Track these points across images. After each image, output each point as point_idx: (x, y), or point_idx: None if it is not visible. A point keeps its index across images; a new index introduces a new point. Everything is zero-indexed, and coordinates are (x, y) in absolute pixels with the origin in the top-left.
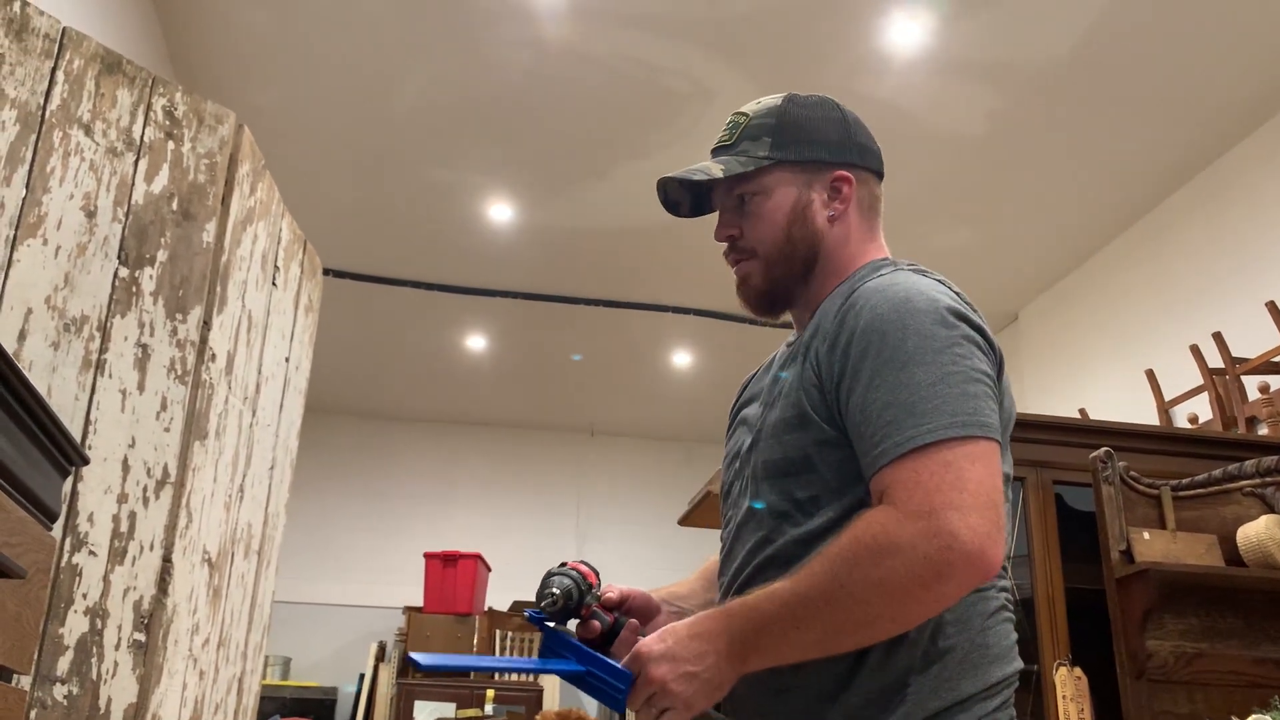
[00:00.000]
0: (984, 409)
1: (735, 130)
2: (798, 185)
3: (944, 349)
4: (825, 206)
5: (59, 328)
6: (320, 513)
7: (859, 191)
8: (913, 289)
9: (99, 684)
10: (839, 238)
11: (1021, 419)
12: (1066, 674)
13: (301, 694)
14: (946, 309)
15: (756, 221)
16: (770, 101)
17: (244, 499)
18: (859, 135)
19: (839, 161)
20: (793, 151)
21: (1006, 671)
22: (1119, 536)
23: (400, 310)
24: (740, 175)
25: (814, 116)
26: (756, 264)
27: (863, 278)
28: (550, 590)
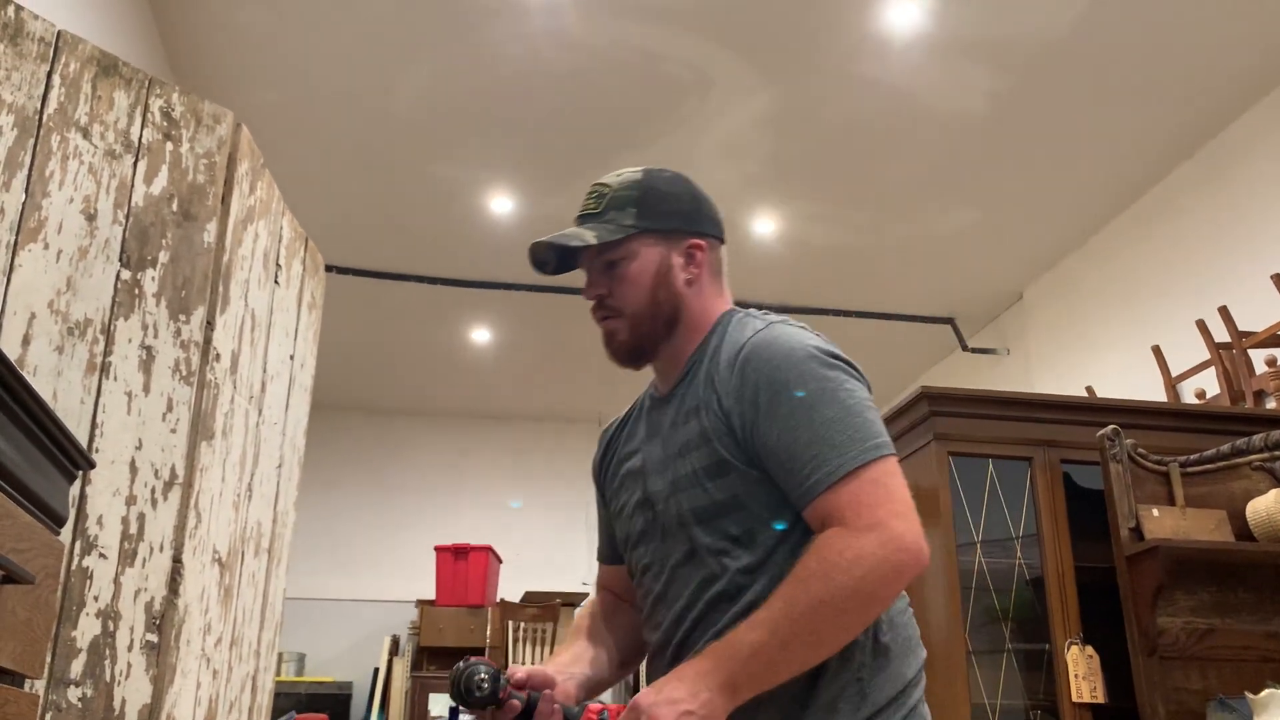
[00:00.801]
0: (882, 430)
1: (601, 200)
2: (660, 251)
3: (837, 388)
4: (683, 270)
5: (63, 332)
6: (331, 509)
7: (710, 256)
8: (793, 341)
9: (113, 685)
10: (695, 297)
11: (1028, 399)
12: (1078, 652)
13: (316, 689)
14: (825, 354)
15: (624, 284)
16: (630, 175)
17: (252, 498)
18: (708, 208)
19: (693, 230)
20: (655, 221)
21: (923, 656)
22: (1128, 514)
23: (404, 305)
24: (610, 241)
25: (672, 190)
26: (623, 322)
27: (733, 331)
28: (479, 679)
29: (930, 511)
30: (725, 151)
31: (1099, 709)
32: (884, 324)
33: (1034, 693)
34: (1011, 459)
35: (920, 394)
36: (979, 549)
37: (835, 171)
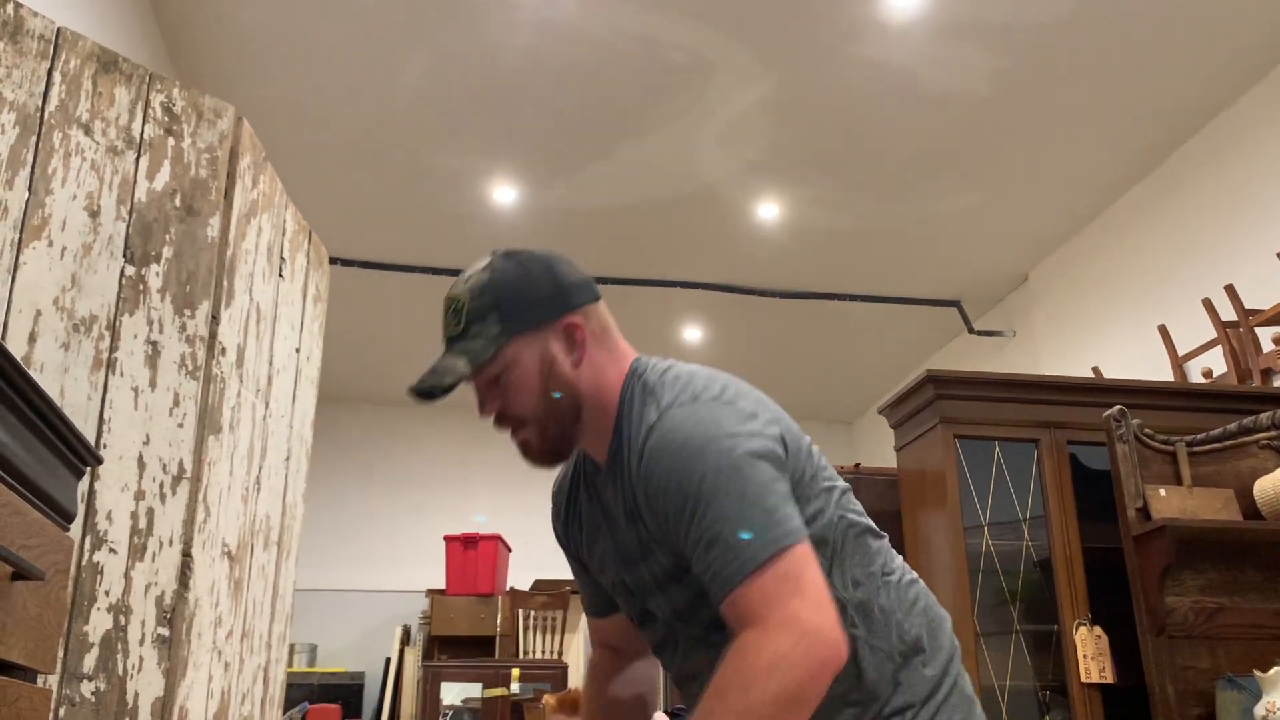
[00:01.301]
0: (786, 517)
1: (460, 317)
2: (537, 346)
3: (733, 478)
4: (567, 355)
5: (68, 328)
6: (340, 501)
7: (590, 324)
8: (686, 431)
9: (125, 679)
10: (590, 376)
11: (1033, 380)
12: (1086, 633)
13: (329, 680)
14: (725, 436)
15: (514, 393)
16: (479, 278)
17: (261, 491)
18: (567, 276)
19: (563, 310)
20: (521, 319)
21: (942, 650)
22: (1135, 494)
23: (409, 296)
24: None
25: (526, 279)
26: (530, 429)
27: (637, 411)
28: None
29: (937, 495)
30: (727, 138)
31: (1108, 689)
32: (889, 307)
33: (1043, 674)
34: (1018, 441)
35: (926, 377)
36: (986, 531)
37: (837, 155)
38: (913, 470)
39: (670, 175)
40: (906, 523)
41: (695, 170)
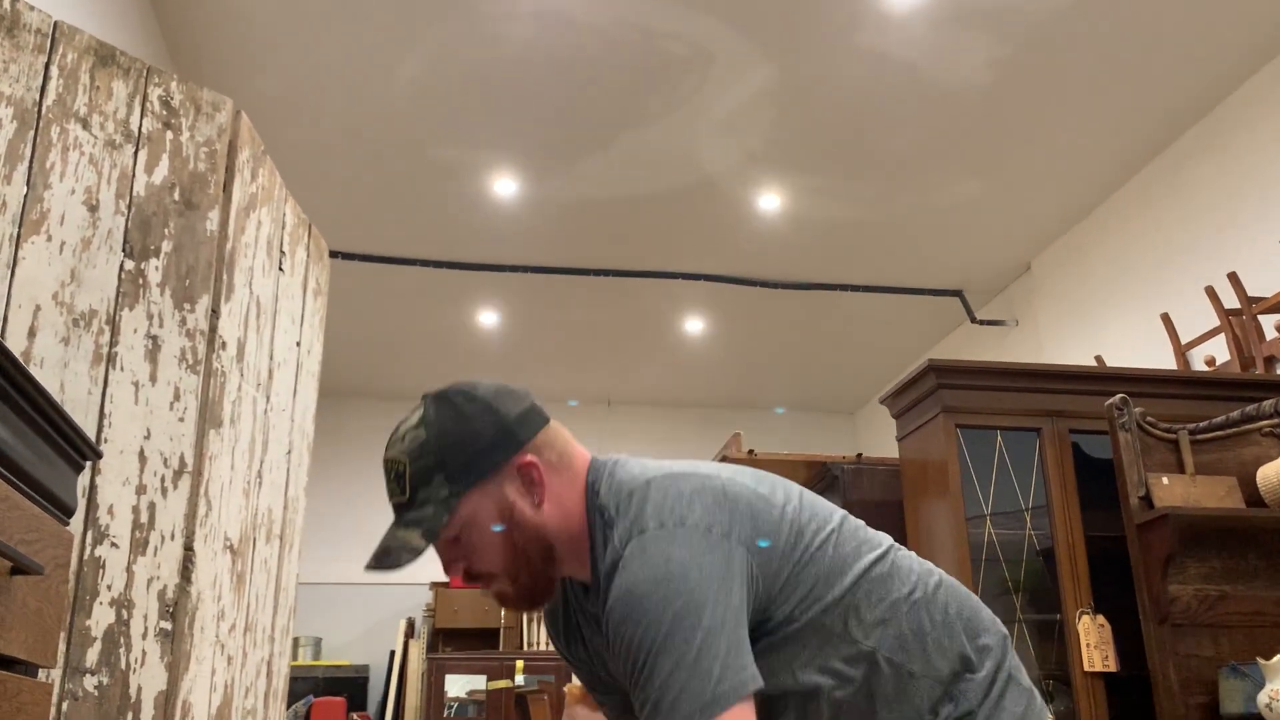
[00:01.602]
0: (727, 670)
1: (403, 482)
2: (492, 496)
3: (672, 638)
4: (527, 497)
5: (68, 323)
6: (344, 494)
7: (544, 455)
8: (637, 583)
9: (128, 673)
10: (555, 513)
11: (1035, 369)
12: (1090, 622)
13: (334, 673)
14: (676, 575)
15: (478, 551)
16: (415, 436)
17: (263, 485)
18: (509, 410)
19: (512, 451)
20: (470, 475)
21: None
22: (1138, 483)
23: (410, 290)
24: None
25: (465, 428)
26: (503, 581)
27: (602, 549)
28: None
29: (939, 484)
30: (727, 128)
31: (1111, 677)
32: (891, 298)
33: (1046, 662)
34: (1020, 430)
35: (928, 367)
36: (989, 521)
37: (839, 145)
38: (915, 460)
39: (671, 166)
40: (909, 512)
41: (696, 161)
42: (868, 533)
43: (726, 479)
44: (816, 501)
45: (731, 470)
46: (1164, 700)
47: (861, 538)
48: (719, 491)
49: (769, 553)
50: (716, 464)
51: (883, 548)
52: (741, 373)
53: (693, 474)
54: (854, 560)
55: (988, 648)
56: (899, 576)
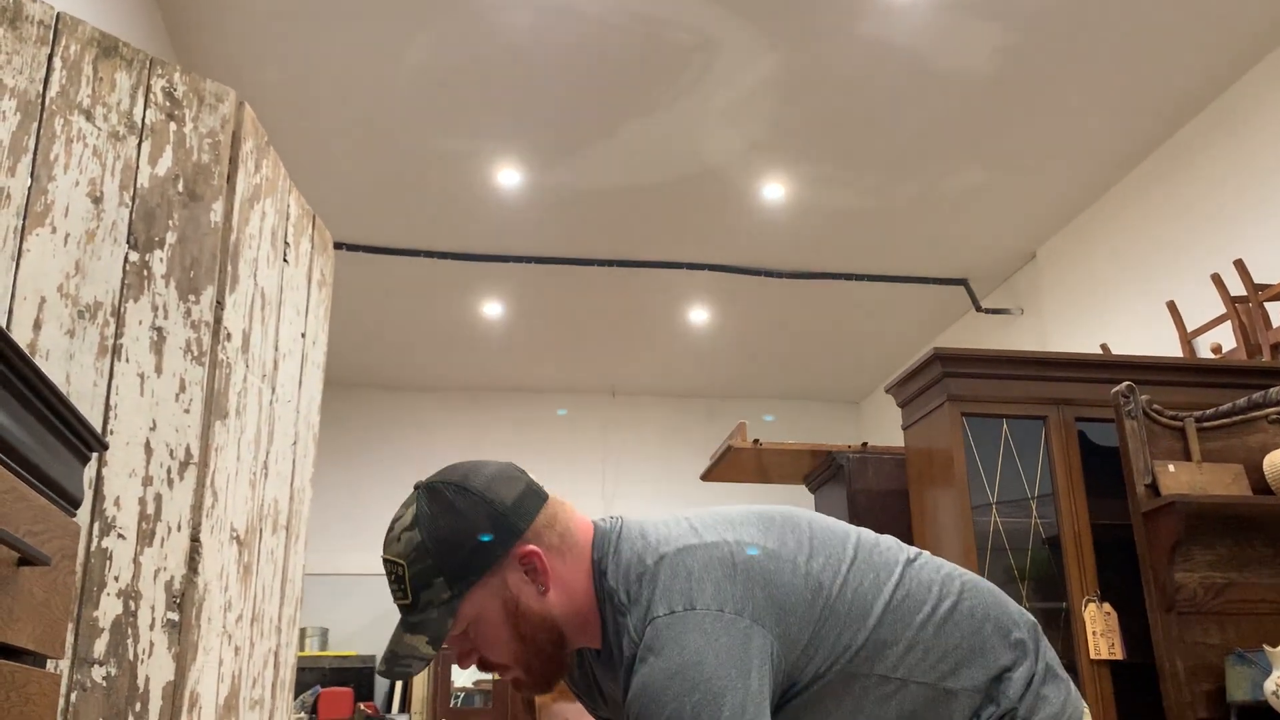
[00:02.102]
0: None
1: (404, 585)
2: (495, 590)
3: (696, 716)
4: (531, 584)
5: (73, 315)
6: (351, 486)
7: (544, 539)
8: (654, 670)
9: (136, 664)
10: (561, 598)
11: (1041, 357)
12: (1096, 610)
13: (340, 663)
14: (690, 664)
15: (487, 645)
16: (409, 538)
17: (269, 476)
18: (503, 496)
19: (511, 543)
20: (469, 573)
21: (993, 659)
22: (1144, 470)
23: (415, 281)
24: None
25: (459, 524)
26: (517, 669)
27: (617, 637)
28: None
29: (945, 473)
30: (731, 117)
31: (1117, 665)
32: (896, 287)
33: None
34: (1026, 418)
35: (933, 355)
36: (994, 509)
37: (842, 134)
38: (920, 449)
39: (675, 155)
40: (914, 502)
41: (700, 150)
42: (883, 554)
43: (734, 544)
44: (828, 534)
45: (739, 524)
46: (1171, 688)
47: (878, 563)
48: (728, 563)
49: (787, 622)
50: (724, 518)
51: (899, 568)
52: (746, 362)
53: (699, 546)
54: (874, 598)
55: (1021, 642)
56: (919, 596)
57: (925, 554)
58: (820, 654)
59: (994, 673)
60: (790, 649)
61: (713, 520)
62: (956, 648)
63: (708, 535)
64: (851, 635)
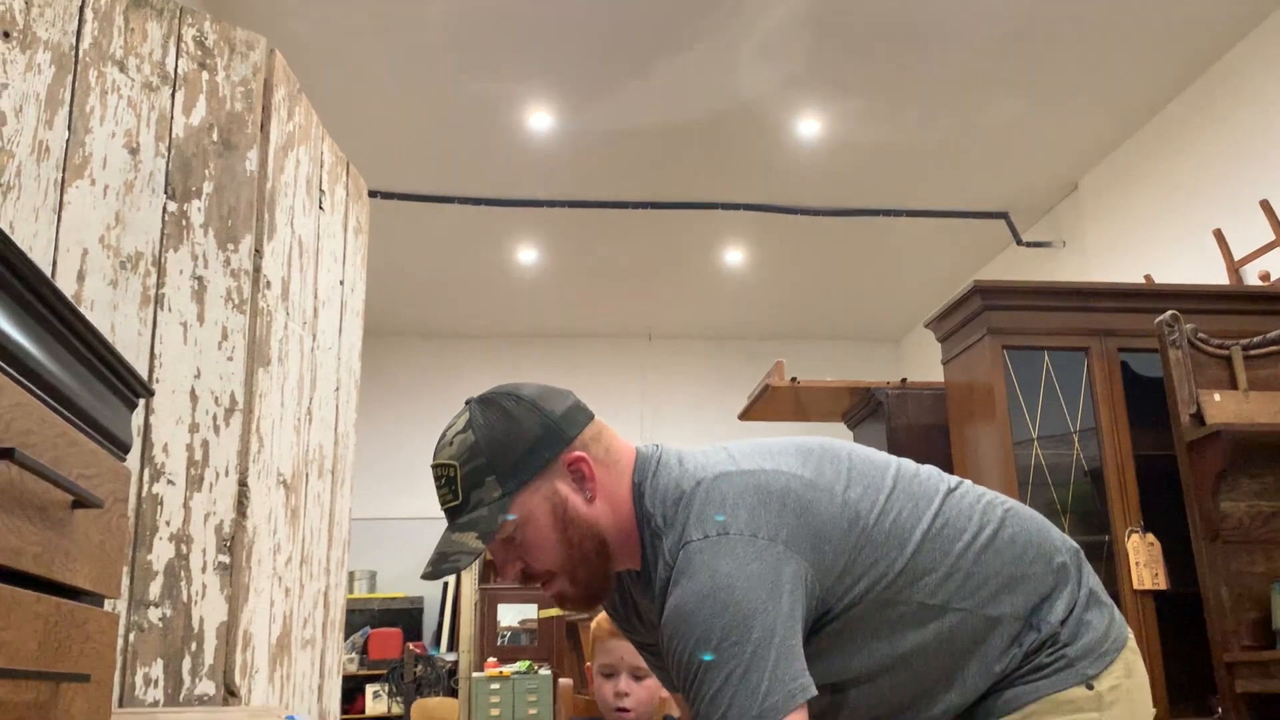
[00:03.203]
0: (776, 682)
1: (454, 486)
2: (543, 494)
3: (721, 645)
4: (578, 492)
5: (115, 266)
6: (393, 433)
7: (591, 450)
8: (686, 593)
9: (190, 605)
10: (607, 509)
11: (1083, 288)
12: (1139, 540)
13: (389, 605)
14: (722, 587)
15: (534, 550)
16: (463, 440)
17: (313, 422)
18: (554, 408)
19: (560, 448)
20: (519, 474)
21: (1030, 591)
22: (1189, 400)
23: (449, 228)
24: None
25: (512, 428)
26: (561, 579)
27: (654, 559)
28: None
29: (985, 408)
30: (765, 52)
31: (1161, 595)
32: (936, 222)
33: None
34: (1068, 350)
35: (973, 289)
36: (1036, 443)
37: (879, 67)
38: (960, 383)
39: (708, 93)
40: (954, 437)
41: (734, 87)
42: (922, 484)
43: (770, 472)
44: (867, 464)
45: (778, 454)
46: (1215, 617)
47: (917, 493)
48: (763, 490)
49: (822, 549)
50: (762, 448)
51: (940, 497)
52: (783, 303)
53: (736, 472)
54: (912, 526)
55: (1064, 567)
56: (959, 525)
57: (967, 483)
58: (856, 581)
59: (1035, 599)
60: (825, 575)
61: (751, 449)
62: (996, 575)
63: (745, 463)
64: (889, 563)
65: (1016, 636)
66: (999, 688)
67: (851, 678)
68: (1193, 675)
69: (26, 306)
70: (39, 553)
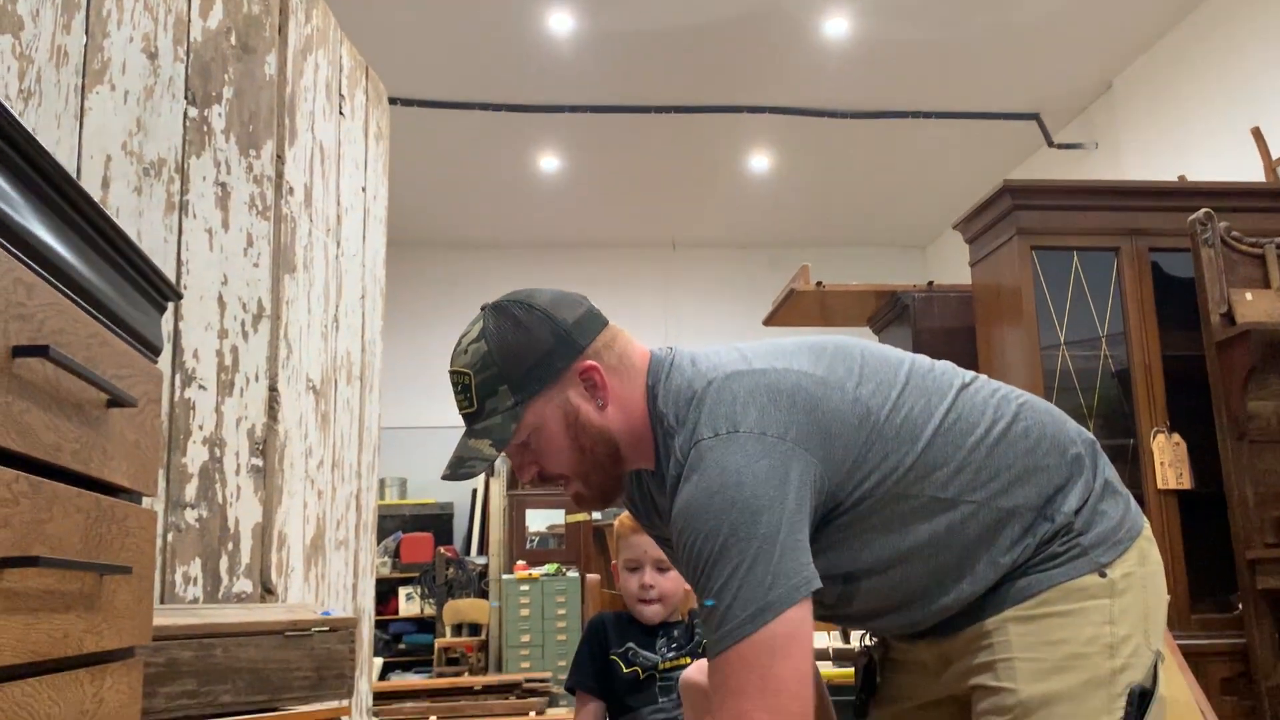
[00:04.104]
0: (780, 575)
1: (469, 393)
2: (556, 402)
3: (728, 540)
4: (590, 400)
5: (139, 173)
6: (420, 342)
7: (603, 358)
8: (695, 489)
9: (225, 507)
10: (619, 415)
11: (1115, 186)
12: (1165, 440)
13: (420, 511)
14: (731, 484)
15: (547, 455)
16: (476, 349)
17: (339, 329)
18: (566, 316)
19: (572, 357)
20: (531, 383)
21: (1048, 479)
22: (1219, 299)
23: (470, 135)
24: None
25: (525, 338)
26: (575, 482)
27: (666, 458)
28: None
29: (1013, 310)
30: None
31: (1185, 495)
32: (966, 124)
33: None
34: (1097, 250)
35: (1003, 188)
36: (1063, 345)
37: None
38: (988, 285)
39: None
40: (980, 341)
41: None
42: (937, 379)
43: (782, 371)
44: (881, 361)
45: (791, 353)
46: (1239, 515)
47: (930, 388)
48: (774, 389)
49: (831, 445)
50: (776, 347)
51: (953, 392)
52: (809, 209)
53: (747, 372)
54: (924, 421)
55: (1079, 458)
56: (972, 419)
57: (982, 378)
58: (867, 476)
59: (1049, 491)
60: (834, 472)
61: (764, 349)
62: (1009, 468)
63: (757, 363)
64: (899, 458)
65: (1029, 527)
66: (1012, 577)
67: (863, 569)
68: (1214, 574)
69: (54, 208)
70: (77, 449)
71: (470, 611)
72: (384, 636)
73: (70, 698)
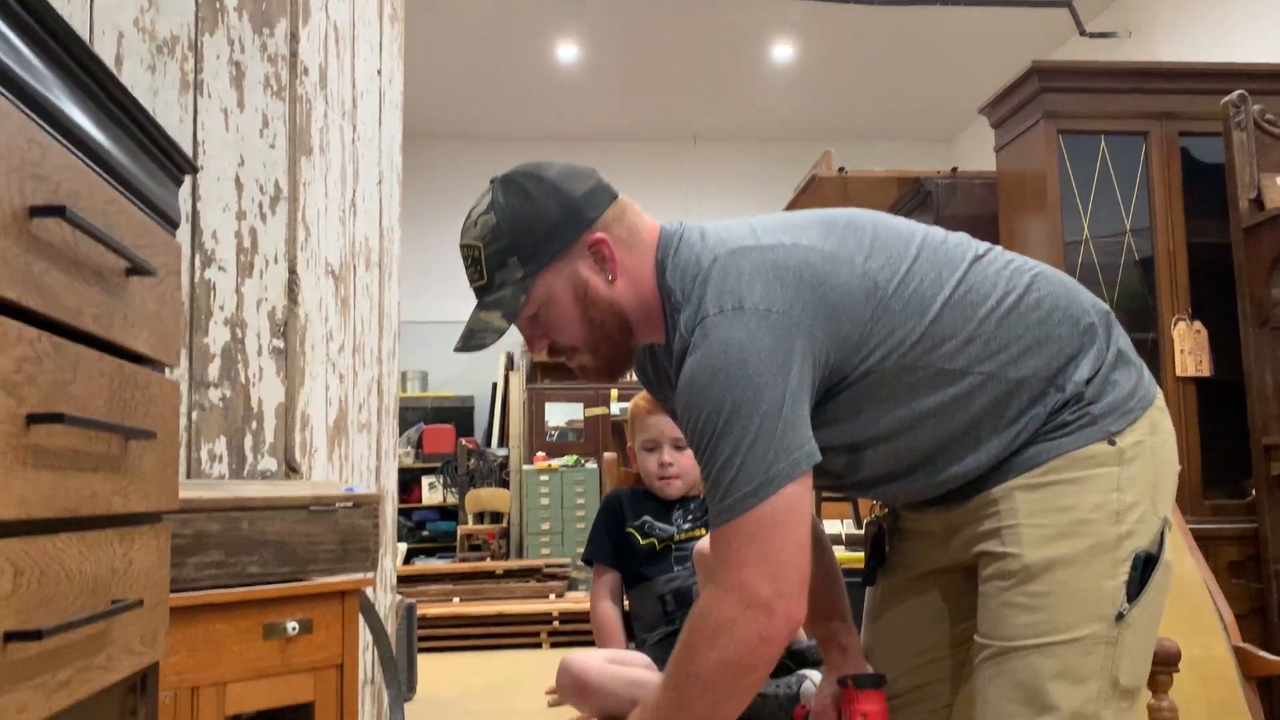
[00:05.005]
0: (781, 451)
1: (479, 266)
2: (565, 275)
3: (731, 415)
4: (599, 273)
5: (152, 50)
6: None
7: (613, 230)
8: (699, 365)
9: (248, 387)
10: (628, 288)
11: (1145, 68)
12: (1185, 328)
13: (441, 403)
14: (734, 360)
15: (557, 327)
16: (486, 221)
17: (357, 214)
18: (575, 189)
19: (581, 229)
20: (541, 254)
21: (1059, 349)
22: (1249, 184)
23: (486, 22)
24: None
25: (533, 210)
26: (583, 354)
27: (672, 334)
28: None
29: (1037, 197)
30: None
31: (1203, 382)
32: (993, 10)
33: None
34: (1125, 134)
35: (1031, 69)
36: (1087, 232)
37: None
38: (1012, 172)
39: None
40: (1003, 228)
41: None
42: (949, 251)
43: (790, 246)
44: (892, 234)
45: (801, 227)
46: (1257, 403)
47: (941, 260)
48: (780, 265)
49: (837, 320)
50: (786, 221)
51: (965, 264)
52: (833, 100)
53: (754, 247)
54: (934, 293)
55: (1091, 327)
56: (983, 290)
57: (996, 249)
58: (874, 350)
59: (1061, 361)
60: (841, 346)
61: (774, 224)
62: (1020, 338)
63: (765, 238)
64: (907, 331)
65: (1039, 397)
66: (1021, 445)
67: (868, 438)
68: (1228, 460)
69: (67, 71)
70: (98, 314)
71: (492, 500)
72: (408, 524)
73: (100, 556)
